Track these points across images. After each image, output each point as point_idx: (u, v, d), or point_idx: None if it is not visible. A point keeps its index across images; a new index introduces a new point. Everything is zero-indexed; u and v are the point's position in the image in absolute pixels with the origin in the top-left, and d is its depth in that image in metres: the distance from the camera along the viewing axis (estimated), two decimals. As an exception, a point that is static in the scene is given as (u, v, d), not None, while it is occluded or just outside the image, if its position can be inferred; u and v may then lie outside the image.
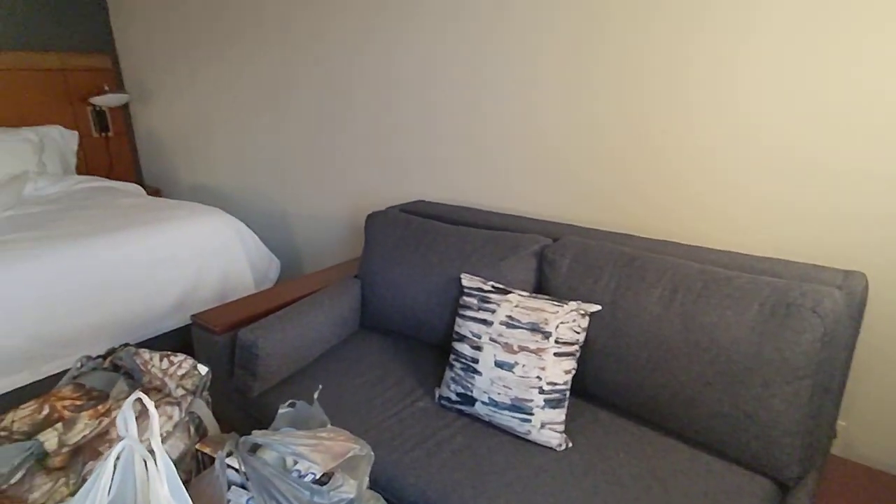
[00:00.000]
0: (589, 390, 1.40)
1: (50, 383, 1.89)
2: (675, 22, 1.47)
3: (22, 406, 0.92)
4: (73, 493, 0.79)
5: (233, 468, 0.79)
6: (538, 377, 1.27)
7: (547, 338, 1.28)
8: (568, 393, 1.30)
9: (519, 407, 1.27)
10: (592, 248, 1.43)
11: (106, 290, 2.01)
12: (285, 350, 1.53)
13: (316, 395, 0.96)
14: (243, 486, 0.79)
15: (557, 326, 1.28)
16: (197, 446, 0.84)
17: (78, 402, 0.93)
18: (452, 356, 1.44)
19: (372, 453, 0.89)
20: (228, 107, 2.96)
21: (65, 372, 1.95)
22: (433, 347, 1.70)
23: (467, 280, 1.50)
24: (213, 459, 0.84)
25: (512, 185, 1.94)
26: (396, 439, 1.29)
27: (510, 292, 1.41)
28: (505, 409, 1.29)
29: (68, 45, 3.38)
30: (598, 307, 1.34)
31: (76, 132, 3.37)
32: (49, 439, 0.82)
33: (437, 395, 1.45)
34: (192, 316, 1.67)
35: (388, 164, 2.32)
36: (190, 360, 1.02)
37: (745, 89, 1.41)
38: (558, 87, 1.73)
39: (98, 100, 3.37)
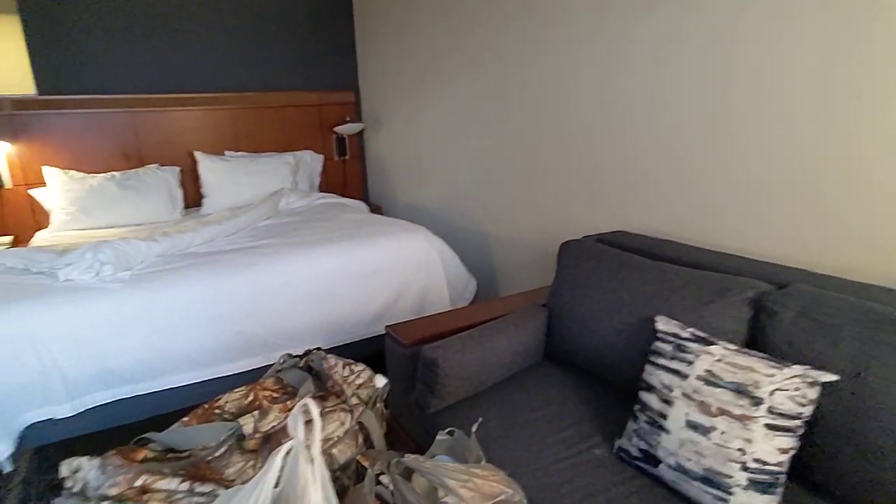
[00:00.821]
0: (815, 479, 1.12)
1: (277, 369, 2.22)
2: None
3: (235, 390, 1.07)
4: (257, 477, 0.88)
5: (385, 487, 0.80)
6: (741, 450, 1.05)
7: (756, 404, 1.06)
8: (784, 477, 1.05)
9: (714, 481, 1.07)
10: (830, 301, 1.15)
11: (324, 293, 2.29)
12: (464, 372, 1.54)
13: (474, 429, 0.93)
14: (393, 507, 0.80)
15: (772, 393, 1.05)
16: (358, 458, 0.88)
17: (275, 395, 1.05)
18: (637, 406, 1.28)
19: (525, 501, 0.83)
20: (443, 134, 3.18)
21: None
22: (619, 391, 1.55)
23: (662, 323, 1.34)
24: (372, 472, 0.87)
25: (727, 217, 1.69)
26: (564, 486, 1.20)
27: (713, 343, 1.21)
28: (696, 479, 1.10)
29: (324, 85, 4.01)
30: (836, 377, 1.06)
31: (322, 156, 3.98)
32: (247, 424, 0.93)
33: (616, 446, 1.31)
34: (387, 326, 1.79)
35: (589, 190, 2.23)
36: (368, 371, 1.08)
37: None
38: (802, 105, 1.46)
39: (341, 129, 3.93)
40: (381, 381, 1.10)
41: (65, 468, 0.78)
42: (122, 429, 2.00)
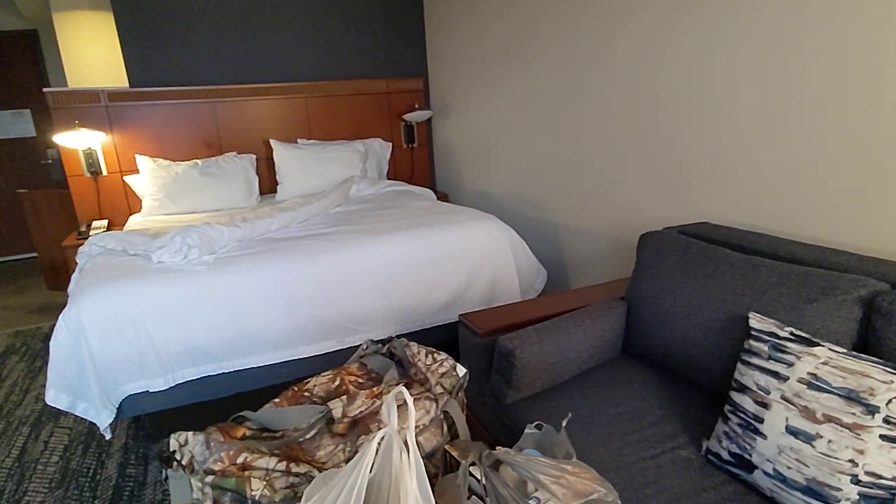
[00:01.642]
0: (933, 497, 1.03)
1: (350, 353, 2.26)
2: None
3: (322, 374, 1.09)
4: (347, 460, 0.90)
5: (475, 478, 0.79)
6: (851, 461, 0.98)
7: (871, 413, 0.98)
8: (898, 494, 0.97)
9: (819, 493, 1.00)
10: (960, 304, 1.04)
11: (395, 280, 2.32)
12: (541, 364, 1.51)
13: (564, 424, 0.90)
14: (482, 499, 0.79)
15: (890, 402, 0.97)
16: (446, 447, 0.88)
17: (360, 380, 1.07)
18: (728, 407, 1.22)
19: (619, 501, 0.80)
20: (511, 122, 3.13)
21: (360, 346, 2.31)
22: (703, 390, 1.48)
23: (757, 321, 1.25)
24: (458, 462, 0.87)
25: (828, 207, 1.56)
26: (650, 487, 1.16)
27: (817, 344, 1.12)
28: (797, 489, 1.03)
29: (394, 73, 4.04)
30: (964, 387, 0.96)
31: (390, 143, 4.02)
32: (336, 408, 0.95)
33: (703, 448, 1.25)
34: (460, 315, 1.78)
35: (667, 179, 2.12)
36: (451, 361, 1.08)
37: None
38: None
39: (409, 116, 3.95)
40: (462, 370, 1.09)
41: (173, 441, 0.82)
42: (208, 404, 2.12)
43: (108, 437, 1.94)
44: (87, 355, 1.82)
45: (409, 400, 0.74)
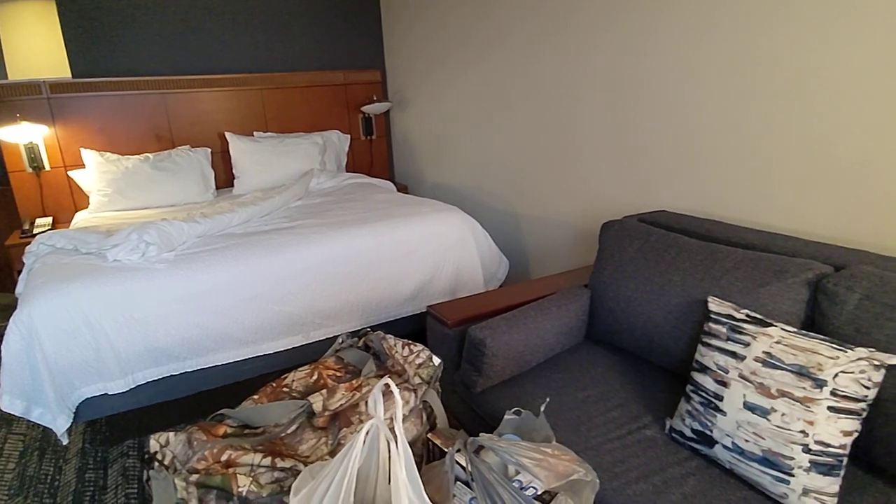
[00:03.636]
0: (878, 463, 1.12)
1: (316, 347, 2.25)
2: None
3: (300, 369, 1.09)
4: (330, 453, 0.90)
5: (460, 465, 0.81)
6: (803, 432, 1.05)
7: (819, 386, 1.05)
8: (846, 459, 1.05)
9: (774, 462, 1.07)
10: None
11: (360, 274, 2.31)
12: (510, 352, 1.55)
13: (542, 408, 0.94)
14: (467, 484, 0.81)
15: (836, 375, 1.04)
16: (429, 436, 0.90)
17: (338, 374, 1.07)
18: (690, 387, 1.28)
19: (597, 480, 0.84)
20: (470, 113, 3.15)
21: (327, 339, 2.29)
22: (665, 372, 1.56)
23: (716, 305, 1.33)
24: (441, 450, 0.89)
25: (777, 196, 1.66)
26: (618, 466, 1.21)
27: (770, 325, 1.20)
28: (754, 460, 1.11)
29: (350, 64, 3.99)
30: (902, 359, 1.05)
31: (349, 135, 3.98)
32: (316, 402, 0.95)
33: (667, 426, 1.32)
34: (429, 306, 1.80)
35: (625, 169, 2.20)
36: (427, 352, 1.10)
37: None
38: (855, 79, 1.41)
39: (367, 108, 3.91)
40: (437, 360, 1.11)
41: (154, 442, 0.80)
42: (168, 403, 2.06)
43: (64, 442, 1.87)
44: (40, 359, 1.74)
45: (396, 390, 0.76)
